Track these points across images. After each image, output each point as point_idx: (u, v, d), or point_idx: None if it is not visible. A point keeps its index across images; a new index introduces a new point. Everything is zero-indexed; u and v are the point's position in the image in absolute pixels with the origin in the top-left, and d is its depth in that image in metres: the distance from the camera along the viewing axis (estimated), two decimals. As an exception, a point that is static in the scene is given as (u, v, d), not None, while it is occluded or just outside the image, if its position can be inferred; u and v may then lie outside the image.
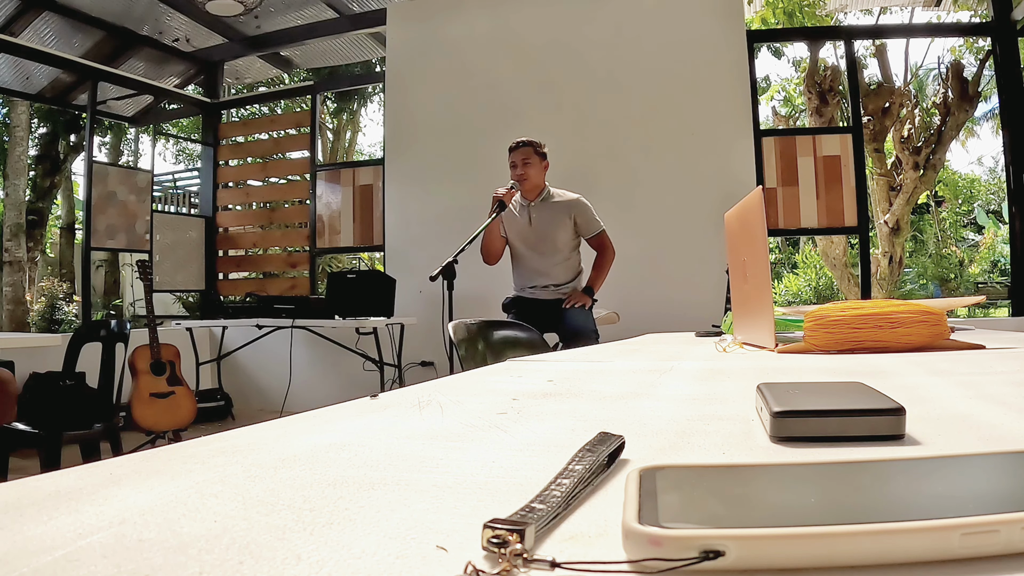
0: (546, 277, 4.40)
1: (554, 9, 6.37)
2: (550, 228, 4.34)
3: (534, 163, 4.31)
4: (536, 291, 4.42)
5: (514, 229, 4.42)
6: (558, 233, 4.34)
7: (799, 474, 0.41)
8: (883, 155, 9.43)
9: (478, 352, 2.55)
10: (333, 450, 0.61)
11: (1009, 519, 0.32)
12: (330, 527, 0.40)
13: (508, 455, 0.58)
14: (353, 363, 6.14)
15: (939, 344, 1.47)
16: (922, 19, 10.83)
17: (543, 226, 4.35)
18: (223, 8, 6.83)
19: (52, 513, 0.43)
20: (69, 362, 4.17)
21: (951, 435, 0.62)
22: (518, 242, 4.43)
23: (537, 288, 4.42)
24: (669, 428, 0.69)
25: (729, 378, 1.12)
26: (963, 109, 8.66)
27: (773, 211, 6.00)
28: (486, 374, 1.29)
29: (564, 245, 4.38)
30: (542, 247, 4.36)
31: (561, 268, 4.42)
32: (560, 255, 4.39)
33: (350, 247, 7.50)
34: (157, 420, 4.89)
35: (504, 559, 0.33)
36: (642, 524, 0.33)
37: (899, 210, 9.37)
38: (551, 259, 4.38)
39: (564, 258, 4.40)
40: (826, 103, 8.43)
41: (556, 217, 4.34)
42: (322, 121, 14.94)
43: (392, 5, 7.05)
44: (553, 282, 4.40)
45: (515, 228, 4.42)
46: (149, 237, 7.23)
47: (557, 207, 4.37)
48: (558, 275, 4.41)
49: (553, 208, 4.37)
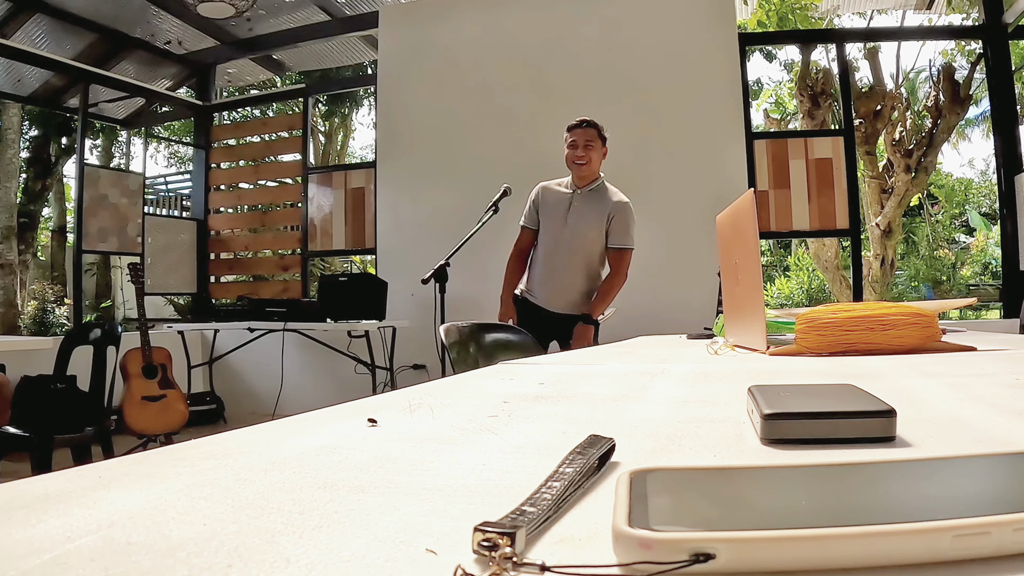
0: (560, 279, 3.97)
1: (546, 12, 6.38)
2: (586, 224, 3.94)
3: (596, 148, 3.97)
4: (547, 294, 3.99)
5: (549, 216, 4.02)
6: (591, 232, 3.94)
7: (790, 476, 0.41)
8: (875, 158, 9.45)
9: (470, 355, 2.55)
10: (323, 453, 0.61)
11: (1000, 521, 0.32)
12: (320, 530, 0.40)
13: (499, 458, 0.58)
14: (345, 366, 6.13)
15: (930, 346, 1.47)
16: (914, 22, 10.89)
17: (581, 218, 3.95)
18: (215, 11, 6.81)
19: (41, 516, 0.43)
20: (60, 365, 4.16)
21: (942, 437, 0.62)
22: (549, 232, 4.01)
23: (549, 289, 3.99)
24: (660, 431, 0.69)
25: (720, 380, 1.12)
26: (954, 112, 8.69)
27: (765, 214, 6.01)
28: (477, 377, 1.29)
29: (596, 248, 3.97)
30: (573, 243, 3.94)
31: (580, 277, 3.98)
32: (584, 258, 3.96)
33: (342, 250, 7.49)
34: (149, 423, 4.87)
35: (494, 562, 0.33)
36: (632, 527, 0.33)
37: (891, 212, 9.39)
38: (578, 259, 3.95)
39: (586, 265, 3.97)
40: (818, 106, 8.45)
41: (597, 212, 3.94)
42: (314, 124, 14.92)
43: (384, 8, 7.06)
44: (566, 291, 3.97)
45: (551, 215, 4.01)
46: (141, 240, 7.21)
47: (602, 202, 3.97)
48: (573, 283, 3.98)
49: (598, 202, 3.97)
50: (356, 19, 7.46)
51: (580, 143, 3.95)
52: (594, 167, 3.99)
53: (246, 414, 6.63)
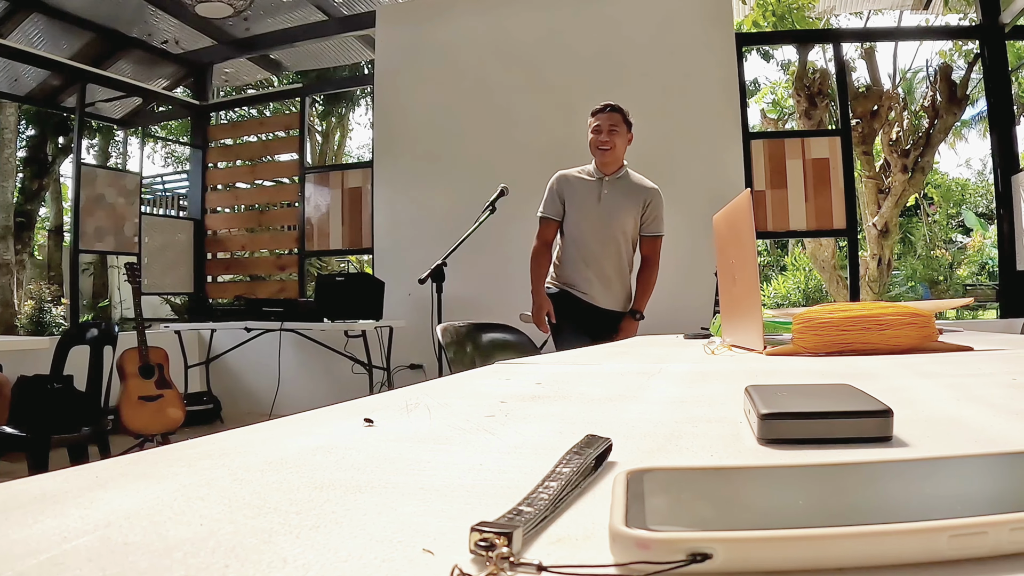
0: (602, 270, 3.82)
1: (543, 12, 6.38)
2: (620, 211, 3.79)
3: (621, 133, 3.79)
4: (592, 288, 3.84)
5: (577, 205, 3.83)
6: (627, 219, 3.80)
7: (787, 476, 0.41)
8: (871, 157, 9.46)
9: (467, 355, 2.55)
10: (320, 453, 0.60)
11: (997, 521, 0.32)
12: (316, 530, 0.40)
13: (496, 458, 0.58)
14: (342, 366, 6.13)
15: (927, 346, 1.47)
16: (911, 22, 10.92)
17: (614, 206, 3.79)
18: (212, 10, 6.80)
19: (37, 516, 0.43)
20: (57, 365, 4.16)
21: (939, 437, 0.62)
22: (580, 221, 3.82)
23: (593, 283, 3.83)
24: (657, 431, 0.69)
25: (717, 380, 1.12)
26: (951, 112, 8.70)
27: (762, 213, 6.02)
28: (474, 377, 1.29)
29: (629, 236, 3.85)
30: (606, 232, 3.79)
31: (617, 266, 3.86)
32: (622, 247, 3.84)
33: (339, 250, 7.48)
34: (146, 423, 4.87)
35: (491, 562, 0.33)
36: (629, 527, 0.33)
37: (887, 212, 9.40)
38: (612, 248, 3.81)
39: (622, 256, 3.86)
40: (815, 106, 8.46)
41: (630, 199, 3.81)
42: (311, 124, 14.92)
43: (381, 8, 7.05)
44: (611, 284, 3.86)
45: (579, 204, 3.83)
46: (137, 239, 7.20)
47: (633, 189, 3.84)
48: (613, 274, 3.85)
49: (629, 189, 3.83)
50: (353, 19, 7.46)
51: (604, 128, 3.76)
52: (618, 153, 3.82)
53: (243, 414, 6.62)
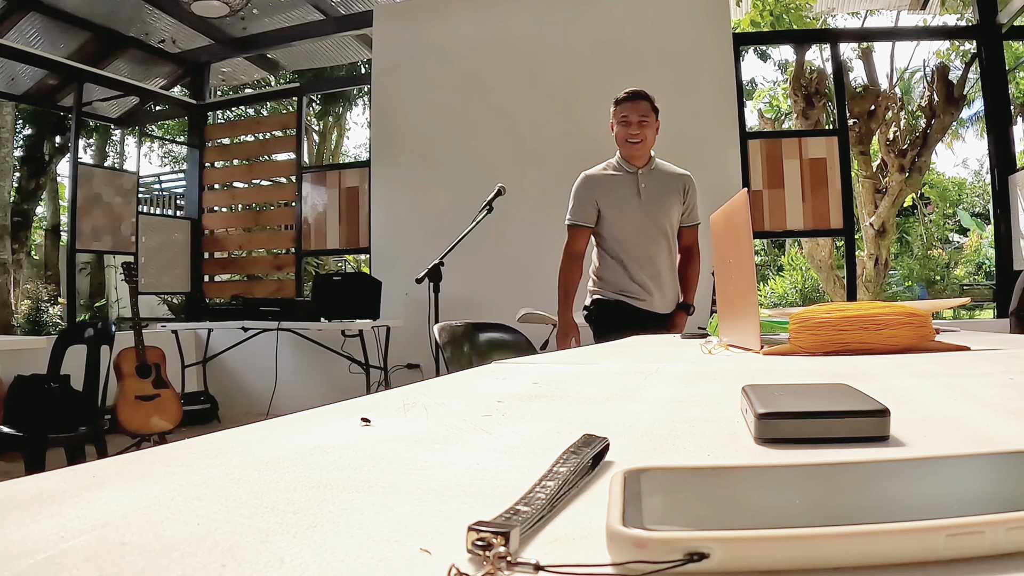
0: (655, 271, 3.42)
1: (541, 12, 6.38)
2: (664, 203, 3.42)
3: (651, 123, 3.43)
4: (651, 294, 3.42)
5: (615, 205, 3.42)
6: (672, 210, 3.43)
7: (784, 476, 0.41)
8: (869, 158, 9.49)
9: (464, 354, 2.55)
10: (317, 453, 0.60)
11: (994, 520, 0.32)
12: (313, 530, 0.40)
13: (493, 457, 0.58)
14: (339, 365, 6.12)
15: (924, 346, 1.47)
16: (908, 22, 10.93)
17: (657, 199, 3.41)
18: (209, 9, 6.80)
19: (34, 516, 0.43)
20: (54, 365, 4.15)
21: (936, 437, 0.62)
22: (622, 222, 3.41)
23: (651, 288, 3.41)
24: (654, 430, 0.69)
25: (714, 380, 1.12)
26: (948, 112, 8.71)
27: (759, 213, 6.02)
28: (471, 376, 1.28)
29: (676, 228, 3.49)
30: (655, 228, 3.41)
31: (670, 264, 3.49)
32: (671, 242, 3.48)
33: (336, 249, 7.48)
34: (142, 423, 4.86)
35: (488, 562, 0.33)
36: (626, 526, 0.33)
37: (885, 212, 9.42)
38: (663, 244, 3.44)
39: (672, 251, 3.50)
40: (812, 106, 8.47)
41: (669, 188, 3.45)
42: (308, 123, 14.90)
43: (378, 7, 7.05)
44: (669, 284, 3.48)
45: (617, 204, 3.42)
46: (134, 239, 7.19)
47: (670, 177, 3.48)
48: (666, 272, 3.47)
49: (666, 178, 3.48)
50: (350, 18, 7.46)
51: (633, 119, 3.40)
52: (649, 145, 3.46)
53: (240, 414, 6.61)
